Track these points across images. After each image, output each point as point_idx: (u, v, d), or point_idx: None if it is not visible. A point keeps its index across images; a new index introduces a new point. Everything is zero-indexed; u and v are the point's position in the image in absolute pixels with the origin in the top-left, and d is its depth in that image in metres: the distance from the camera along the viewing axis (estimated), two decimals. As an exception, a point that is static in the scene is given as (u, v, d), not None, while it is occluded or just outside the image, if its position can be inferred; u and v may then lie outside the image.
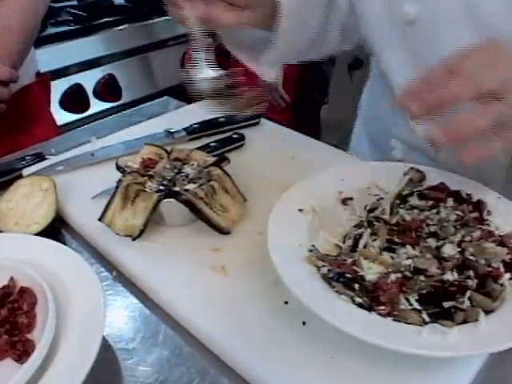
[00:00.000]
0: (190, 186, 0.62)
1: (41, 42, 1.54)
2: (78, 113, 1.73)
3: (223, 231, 0.61)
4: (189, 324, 0.53)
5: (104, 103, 1.78)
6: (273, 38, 0.62)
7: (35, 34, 1.06)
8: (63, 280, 0.53)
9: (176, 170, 0.65)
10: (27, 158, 0.79)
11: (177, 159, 0.68)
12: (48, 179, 0.69)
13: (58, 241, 0.58)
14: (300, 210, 0.57)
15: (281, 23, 0.60)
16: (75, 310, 0.50)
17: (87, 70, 1.70)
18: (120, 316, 0.56)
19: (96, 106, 1.76)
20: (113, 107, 1.79)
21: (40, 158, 0.80)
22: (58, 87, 1.62)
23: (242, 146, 0.82)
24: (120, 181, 0.62)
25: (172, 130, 0.83)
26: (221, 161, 0.67)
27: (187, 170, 0.66)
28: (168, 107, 0.99)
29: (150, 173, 0.65)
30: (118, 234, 0.60)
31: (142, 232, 0.60)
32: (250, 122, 0.87)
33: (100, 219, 0.61)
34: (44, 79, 1.21)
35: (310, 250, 0.53)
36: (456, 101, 0.43)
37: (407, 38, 0.63)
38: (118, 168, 0.66)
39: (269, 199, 0.60)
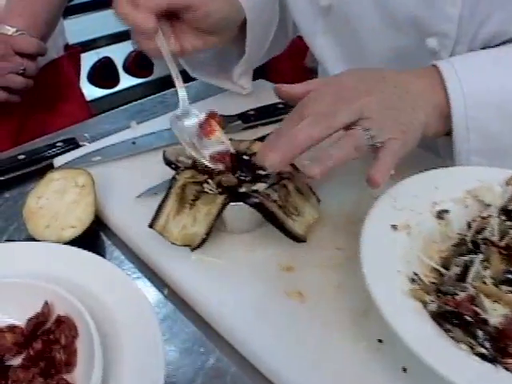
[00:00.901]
0: (259, 187, 0.57)
1: (67, 12, 1.49)
2: (107, 88, 1.70)
3: (299, 239, 0.57)
4: (263, 365, 0.47)
5: (134, 78, 1.76)
6: (243, 51, 0.73)
7: (64, 3, 1.01)
8: (109, 305, 0.48)
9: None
10: (58, 144, 0.75)
11: (236, 152, 0.64)
12: (85, 174, 0.64)
13: (97, 249, 0.56)
14: (393, 227, 0.52)
15: (248, 37, 0.71)
16: (126, 345, 0.45)
17: (117, 42, 1.67)
18: (175, 348, 0.50)
19: (126, 81, 1.74)
20: (144, 83, 1.76)
21: (73, 144, 0.76)
22: (86, 61, 1.60)
23: None
24: (174, 179, 0.57)
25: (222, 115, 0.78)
26: None
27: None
28: (214, 87, 0.92)
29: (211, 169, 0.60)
30: (173, 244, 0.56)
31: (203, 241, 0.56)
32: None
33: (151, 226, 0.56)
34: (74, 52, 1.16)
35: (412, 280, 0.47)
36: (310, 141, 0.49)
37: (329, 25, 0.71)
38: (168, 163, 0.61)
39: (342, 197, 0.59)
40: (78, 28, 1.43)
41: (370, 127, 0.50)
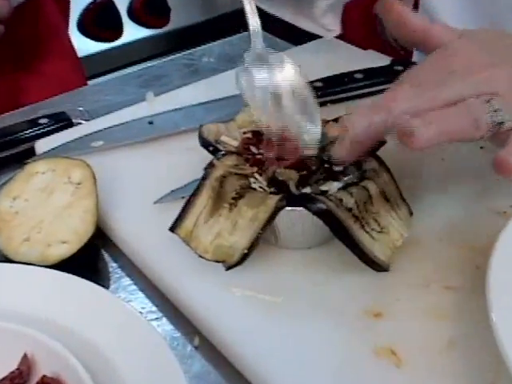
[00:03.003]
0: (330, 187, 0.58)
1: None
2: (105, 41, 1.70)
3: (379, 267, 0.57)
4: None
5: (143, 29, 1.77)
6: None
7: None
8: (115, 360, 0.48)
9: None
10: (41, 120, 0.76)
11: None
12: (82, 166, 0.64)
13: (98, 275, 0.59)
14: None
15: None
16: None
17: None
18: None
19: (131, 31, 1.74)
20: (156, 36, 1.77)
21: (63, 122, 0.78)
22: (77, 2, 1.62)
23: None
24: (211, 167, 0.59)
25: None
26: (377, 145, 0.62)
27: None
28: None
29: (260, 157, 0.61)
30: (200, 257, 0.57)
31: (245, 258, 0.56)
32: None
33: (172, 229, 0.58)
34: (60, -12, 1.18)
35: None
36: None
37: None
38: (205, 143, 0.63)
39: (444, 211, 0.61)
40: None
41: (498, 107, 0.52)
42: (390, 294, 0.57)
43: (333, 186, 0.58)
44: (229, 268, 0.57)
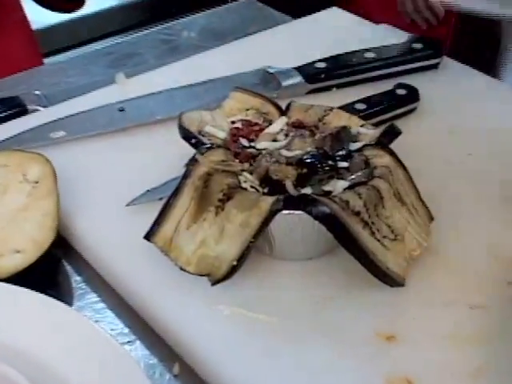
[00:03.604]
0: (335, 187, 0.59)
1: None
2: (65, 11, 1.61)
3: (393, 281, 0.58)
4: None
5: None
6: None
7: None
8: None
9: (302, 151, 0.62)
10: None
11: (299, 125, 0.66)
12: (40, 161, 0.65)
13: (59, 289, 0.59)
14: None
15: None
16: None
17: None
18: None
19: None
20: (127, 4, 1.75)
21: (15, 108, 0.79)
22: None
23: (412, 110, 0.80)
24: (193, 163, 0.59)
25: (273, 70, 0.81)
26: (390, 135, 0.64)
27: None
28: (253, 18, 0.97)
29: (252, 151, 0.63)
30: (182, 270, 0.57)
31: (234, 270, 0.57)
32: (422, 63, 0.87)
33: (148, 237, 0.58)
34: None
35: None
36: None
37: None
38: (186, 135, 0.64)
39: (469, 214, 0.62)
40: None
41: None
42: (406, 314, 0.57)
43: (338, 186, 0.58)
44: (215, 282, 0.57)
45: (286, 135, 0.65)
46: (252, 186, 0.59)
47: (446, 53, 0.90)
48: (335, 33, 0.87)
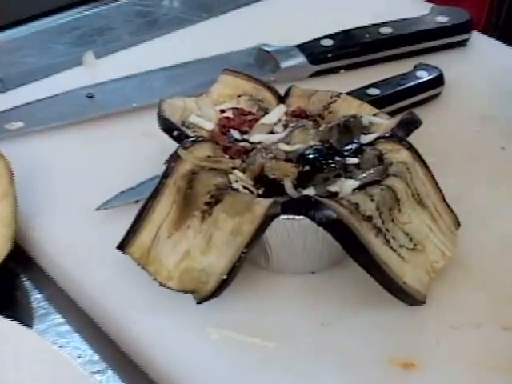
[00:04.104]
0: (343, 187, 0.59)
1: None
2: None
3: (412, 299, 0.58)
4: None
5: None
6: None
7: None
8: None
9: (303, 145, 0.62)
10: None
11: (300, 114, 0.66)
12: None
13: (16, 308, 0.60)
14: None
15: None
16: None
17: None
18: None
19: None
20: None
21: None
22: None
23: (436, 96, 0.81)
24: (175, 160, 0.59)
25: (270, 48, 0.82)
26: (409, 126, 0.65)
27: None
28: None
29: (244, 145, 0.63)
30: (162, 286, 0.58)
31: (223, 286, 0.57)
32: (448, 39, 0.88)
33: (122, 247, 0.58)
34: None
35: None
36: None
37: None
38: (167, 127, 0.64)
39: (502, 219, 0.63)
40: None
41: None
42: (427, 337, 0.58)
43: (346, 186, 0.59)
44: (201, 300, 0.57)
45: (285, 126, 0.65)
46: (244, 187, 0.59)
47: (479, 27, 0.90)
48: (345, 3, 0.88)
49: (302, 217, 0.57)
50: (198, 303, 0.57)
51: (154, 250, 0.58)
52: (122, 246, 0.58)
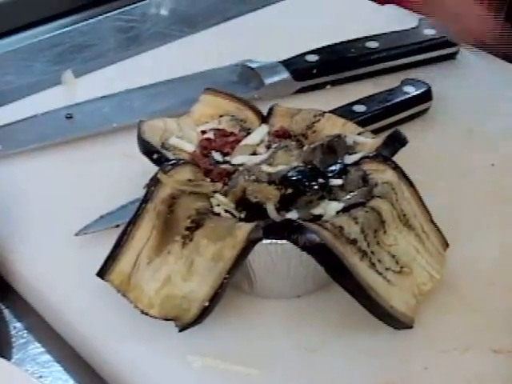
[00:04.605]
0: (326, 209, 0.59)
1: None
2: None
3: (399, 323, 0.58)
4: None
5: None
6: None
7: None
8: None
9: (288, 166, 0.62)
10: None
11: (283, 134, 0.67)
12: None
13: None
14: None
15: None
16: None
17: None
18: None
19: None
20: None
21: None
22: None
23: (424, 112, 0.81)
24: (155, 184, 0.59)
25: (254, 65, 0.83)
26: (394, 145, 0.65)
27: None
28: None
29: (226, 167, 0.63)
30: (143, 313, 0.57)
31: (206, 313, 0.57)
32: (436, 52, 0.88)
33: (101, 273, 0.58)
34: None
35: None
36: None
37: None
38: (147, 149, 0.64)
39: (491, 239, 0.63)
40: None
41: None
42: (414, 361, 0.57)
43: (329, 209, 0.59)
44: (183, 328, 0.57)
45: (268, 147, 0.65)
46: (226, 211, 0.59)
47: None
48: (330, 17, 0.88)
49: (284, 241, 0.57)
50: (179, 331, 0.57)
51: (134, 277, 0.58)
52: (102, 273, 0.58)
